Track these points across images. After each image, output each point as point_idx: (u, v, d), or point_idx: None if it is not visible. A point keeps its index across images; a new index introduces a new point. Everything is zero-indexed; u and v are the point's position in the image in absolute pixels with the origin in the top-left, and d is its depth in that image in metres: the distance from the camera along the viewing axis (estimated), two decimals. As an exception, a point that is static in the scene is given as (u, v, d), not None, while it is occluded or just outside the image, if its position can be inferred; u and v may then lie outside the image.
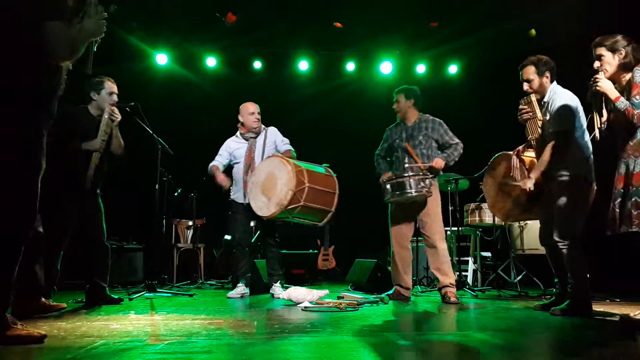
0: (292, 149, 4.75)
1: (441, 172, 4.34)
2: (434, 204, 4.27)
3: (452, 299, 4.12)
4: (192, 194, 6.53)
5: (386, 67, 7.97)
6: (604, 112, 3.04)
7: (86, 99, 3.89)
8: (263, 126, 4.84)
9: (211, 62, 7.76)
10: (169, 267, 6.47)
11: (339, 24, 7.13)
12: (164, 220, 5.96)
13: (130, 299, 4.15)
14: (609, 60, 3.00)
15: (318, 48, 7.85)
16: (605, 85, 2.93)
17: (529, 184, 3.41)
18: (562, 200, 3.33)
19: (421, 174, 4.09)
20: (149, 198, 5.14)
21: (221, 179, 4.68)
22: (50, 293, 3.78)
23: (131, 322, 2.92)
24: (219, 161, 4.82)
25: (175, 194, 6.33)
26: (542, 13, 6.28)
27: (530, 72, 3.51)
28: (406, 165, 4.24)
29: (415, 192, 4.02)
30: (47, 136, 2.30)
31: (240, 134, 4.85)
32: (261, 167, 4.40)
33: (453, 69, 8.15)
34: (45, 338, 2.25)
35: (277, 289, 4.59)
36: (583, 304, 3.26)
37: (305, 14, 6.83)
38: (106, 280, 3.96)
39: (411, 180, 4.03)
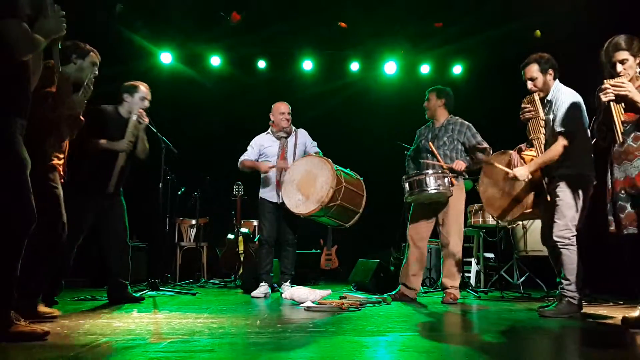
0: (320, 151, 4.80)
1: (465, 174, 4.33)
2: (455, 204, 4.24)
3: (444, 299, 4.17)
4: (195, 192, 6.54)
5: (390, 67, 7.96)
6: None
7: (118, 99, 3.98)
8: (294, 127, 4.86)
9: (215, 61, 7.77)
10: (172, 265, 6.49)
11: (343, 24, 7.13)
12: (168, 219, 5.98)
13: (142, 297, 4.15)
14: (632, 65, 2.91)
15: (322, 48, 7.84)
16: (633, 90, 2.79)
17: (523, 172, 3.40)
18: (562, 198, 3.32)
19: (440, 172, 4.08)
20: (152, 196, 5.16)
21: (264, 166, 4.63)
22: (57, 290, 3.76)
23: (134, 320, 2.93)
24: (249, 155, 4.78)
25: (179, 192, 6.34)
26: (546, 13, 6.26)
27: (533, 70, 3.48)
28: (427, 161, 4.28)
29: (433, 189, 4.01)
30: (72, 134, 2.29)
31: (272, 131, 4.84)
32: (297, 165, 4.43)
33: (457, 69, 8.13)
34: (48, 334, 2.25)
35: (286, 288, 4.56)
36: (573, 304, 3.26)
37: (310, 14, 6.82)
38: (128, 277, 4.00)
39: (429, 178, 4.03)
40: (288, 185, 4.36)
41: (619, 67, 2.90)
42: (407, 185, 4.13)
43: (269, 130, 4.88)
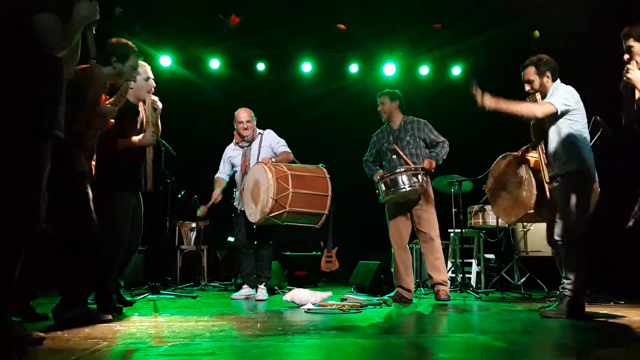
0: (289, 150, 4.73)
1: (432, 170, 4.36)
2: (428, 200, 4.32)
3: (442, 297, 4.17)
4: (195, 195, 6.53)
5: (389, 69, 7.96)
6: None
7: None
8: (259, 130, 4.82)
9: (215, 64, 7.78)
10: (172, 269, 6.48)
11: (342, 26, 7.13)
12: (167, 222, 5.97)
13: (134, 301, 4.15)
14: (638, 51, 2.95)
15: (321, 50, 7.85)
16: (635, 75, 2.87)
17: (488, 102, 3.40)
18: (562, 197, 3.32)
19: (412, 169, 4.13)
20: (152, 199, 5.15)
21: (215, 195, 4.78)
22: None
23: (134, 324, 2.93)
24: (223, 171, 4.88)
25: (179, 195, 6.33)
26: (546, 14, 6.27)
27: (530, 72, 3.51)
28: (397, 164, 4.31)
29: (409, 187, 4.07)
30: (93, 136, 2.30)
31: (235, 142, 4.87)
32: (249, 174, 4.45)
33: (457, 70, 8.14)
34: (43, 340, 2.23)
35: (260, 290, 4.54)
36: (576, 305, 3.25)
37: (309, 16, 6.83)
38: (122, 278, 3.96)
39: (403, 176, 4.08)
40: (245, 194, 4.41)
41: (626, 57, 3.00)
42: (382, 185, 4.17)
43: (234, 141, 4.89)
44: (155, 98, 3.71)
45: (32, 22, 2.15)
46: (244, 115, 4.74)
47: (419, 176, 4.11)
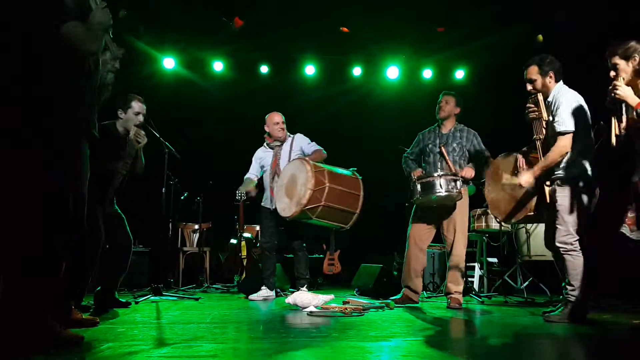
0: (321, 148, 4.78)
1: (471, 182, 4.34)
2: (461, 210, 4.26)
3: (452, 305, 4.15)
4: (198, 197, 6.55)
5: (392, 72, 7.98)
6: (623, 118, 3.00)
7: (115, 115, 3.91)
8: (289, 134, 4.92)
9: (218, 66, 7.80)
10: (174, 270, 6.49)
11: (345, 29, 7.15)
12: (170, 224, 5.98)
13: (136, 302, 4.16)
14: (624, 68, 2.97)
15: (324, 53, 7.87)
16: (625, 92, 2.90)
17: (528, 179, 3.37)
18: (561, 203, 3.31)
19: (451, 174, 4.07)
20: (155, 201, 5.17)
21: (249, 190, 4.84)
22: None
23: (137, 325, 2.93)
24: (252, 172, 4.97)
25: (182, 197, 6.35)
26: (549, 18, 6.27)
27: (533, 72, 3.49)
28: (438, 167, 4.27)
29: (446, 191, 3.98)
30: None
31: (267, 143, 4.95)
32: (285, 170, 4.47)
33: (460, 74, 8.14)
34: (98, 324, 2.48)
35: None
36: (579, 310, 3.25)
37: (312, 19, 6.85)
38: (117, 285, 3.98)
39: (442, 179, 4.01)
40: (279, 191, 4.40)
41: (612, 74, 3.02)
42: (418, 186, 4.08)
43: (264, 143, 4.98)
44: (142, 132, 3.90)
45: (62, 33, 2.21)
46: (279, 117, 4.88)
47: (458, 182, 4.04)
